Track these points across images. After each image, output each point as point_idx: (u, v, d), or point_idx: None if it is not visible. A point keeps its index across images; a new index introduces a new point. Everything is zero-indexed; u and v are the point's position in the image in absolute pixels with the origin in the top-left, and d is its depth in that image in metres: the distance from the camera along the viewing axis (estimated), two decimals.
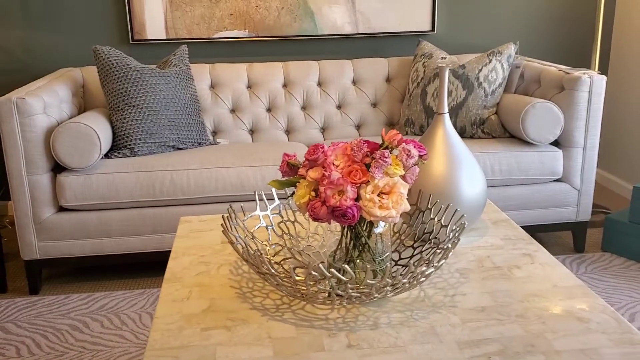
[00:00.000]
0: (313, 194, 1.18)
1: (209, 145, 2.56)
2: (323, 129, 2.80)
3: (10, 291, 2.29)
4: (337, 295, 1.12)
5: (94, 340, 1.94)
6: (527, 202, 2.41)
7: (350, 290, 1.10)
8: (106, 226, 2.22)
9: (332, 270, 1.07)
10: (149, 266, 2.47)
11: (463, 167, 1.45)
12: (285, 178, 1.25)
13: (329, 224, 1.19)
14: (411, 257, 1.32)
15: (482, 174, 1.49)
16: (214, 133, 2.73)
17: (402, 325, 1.14)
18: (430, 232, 1.35)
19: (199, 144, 2.52)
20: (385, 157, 1.15)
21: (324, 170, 1.16)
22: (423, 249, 1.33)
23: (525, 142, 2.41)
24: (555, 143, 2.45)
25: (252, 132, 2.76)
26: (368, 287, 1.10)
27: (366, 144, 1.18)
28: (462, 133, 2.53)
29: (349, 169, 1.16)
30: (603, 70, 3.24)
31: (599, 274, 2.33)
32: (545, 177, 2.40)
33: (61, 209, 2.22)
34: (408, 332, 1.12)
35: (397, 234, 1.42)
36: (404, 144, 1.19)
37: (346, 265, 1.09)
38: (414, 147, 1.20)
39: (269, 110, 2.78)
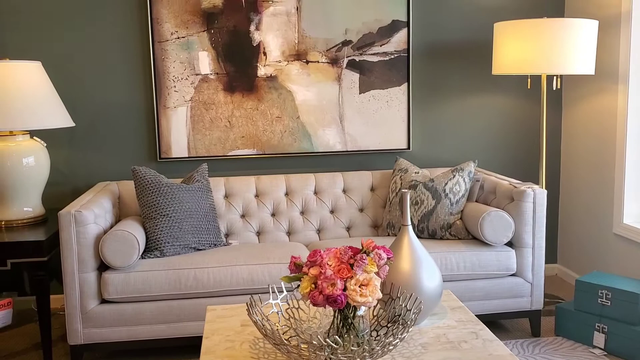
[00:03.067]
0: (313, 286, 1.69)
1: (223, 245, 3.06)
2: (319, 231, 3.32)
3: None
4: (331, 359, 1.59)
5: None
6: (488, 293, 2.90)
7: (340, 355, 1.58)
8: (140, 315, 2.68)
9: (328, 340, 1.56)
10: (174, 349, 2.90)
11: (423, 265, 1.96)
12: (293, 274, 1.75)
13: (325, 308, 1.69)
14: (385, 333, 1.81)
15: (438, 270, 1.99)
16: (227, 235, 3.24)
17: None
18: (399, 315, 1.84)
19: (215, 245, 3.03)
20: (363, 259, 1.67)
21: (321, 269, 1.67)
22: (393, 327, 1.81)
23: (484, 244, 2.94)
24: (509, 244, 2.97)
25: (258, 234, 3.28)
26: (352, 352, 1.58)
27: (350, 250, 1.70)
28: (434, 235, 3.05)
29: (339, 268, 1.67)
30: (554, 181, 3.83)
31: (550, 355, 2.77)
32: (502, 273, 2.90)
33: (103, 301, 2.69)
34: None
35: (376, 317, 1.91)
36: (376, 249, 1.71)
37: (337, 337, 1.58)
38: (384, 251, 1.72)
39: (273, 215, 3.31)
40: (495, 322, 3.12)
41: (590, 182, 3.52)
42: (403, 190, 1.98)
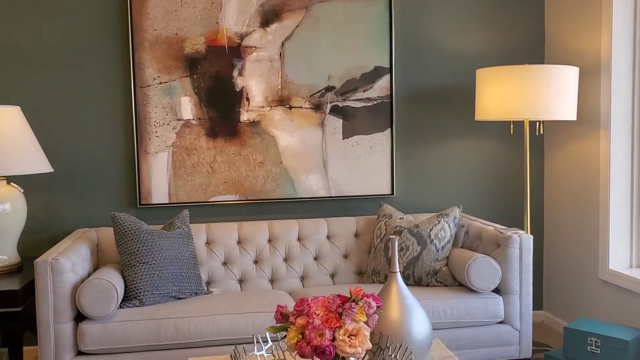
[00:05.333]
0: (300, 336, 1.62)
1: (204, 294, 2.98)
2: (302, 278, 3.25)
3: None
4: None
5: None
6: (476, 342, 2.84)
7: None
8: None
9: None
10: None
11: (413, 314, 1.91)
12: (279, 324, 1.69)
13: (313, 359, 1.62)
14: None
15: (427, 319, 1.95)
16: (208, 283, 3.16)
17: None
18: None
19: (196, 293, 2.94)
20: (353, 308, 1.61)
21: (309, 318, 1.62)
22: None
23: (471, 290, 2.89)
24: (496, 290, 2.93)
25: (240, 281, 3.20)
26: None
27: (339, 298, 1.65)
28: (419, 282, 3.01)
29: (327, 317, 1.61)
30: (538, 227, 3.83)
31: None
32: (490, 320, 2.85)
33: (79, 353, 2.57)
34: None
35: None
36: (365, 297, 1.66)
37: None
38: (373, 300, 1.67)
39: (255, 262, 3.24)
40: None
41: (574, 227, 3.52)
42: (391, 237, 1.94)
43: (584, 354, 2.77)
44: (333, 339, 1.59)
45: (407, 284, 3.02)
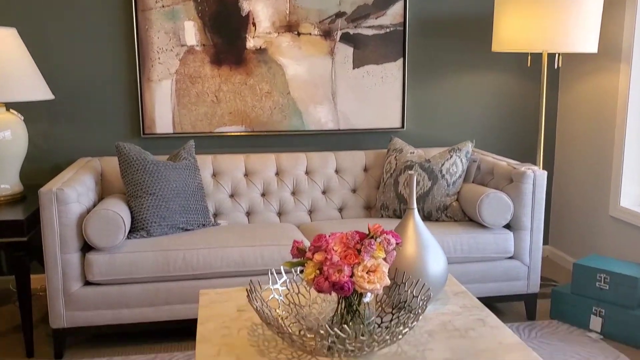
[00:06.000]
0: (318, 272, 1.58)
1: (212, 226, 2.94)
2: (310, 212, 3.22)
3: (36, 356, 2.58)
4: (338, 349, 1.50)
5: None
6: (484, 276, 2.84)
7: (348, 345, 1.49)
8: (125, 298, 2.56)
9: (335, 329, 1.46)
10: (161, 333, 2.79)
11: (429, 250, 1.87)
12: (295, 259, 1.65)
13: (330, 295, 1.59)
14: (391, 320, 1.72)
15: (444, 255, 1.91)
16: (215, 215, 3.12)
17: None
18: (405, 301, 1.75)
19: (204, 225, 2.91)
20: (372, 245, 1.57)
21: (327, 254, 1.57)
22: (399, 314, 1.72)
23: (482, 226, 2.86)
24: (507, 226, 2.90)
25: (248, 214, 3.16)
26: (360, 342, 1.49)
27: (357, 234, 1.60)
28: (429, 217, 2.97)
29: (345, 253, 1.57)
30: (549, 162, 3.77)
31: (547, 339, 2.73)
32: (499, 255, 2.83)
33: (87, 283, 2.56)
34: None
35: (379, 303, 1.82)
36: (384, 234, 1.61)
37: (345, 326, 1.48)
38: (392, 236, 1.62)
39: (263, 195, 3.19)
40: (489, 305, 3.06)
41: (586, 163, 3.46)
42: (410, 172, 1.88)
43: (592, 290, 2.77)
44: (351, 275, 1.55)
45: None
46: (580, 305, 2.82)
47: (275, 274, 1.84)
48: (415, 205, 1.89)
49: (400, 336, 1.55)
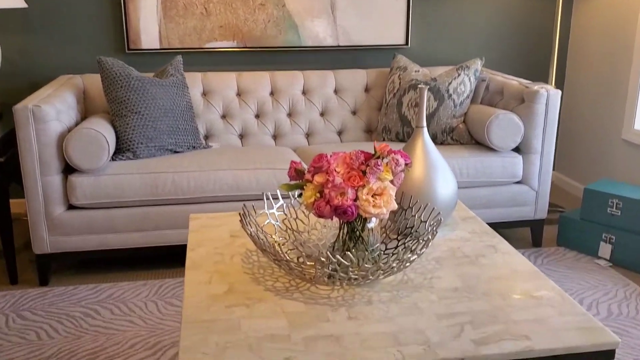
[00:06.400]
0: (318, 195, 1.43)
1: (203, 148, 2.78)
2: (307, 135, 3.04)
3: (20, 282, 2.47)
4: (340, 277, 1.37)
5: (107, 325, 2.15)
6: (491, 201, 2.70)
7: (351, 273, 1.36)
8: (112, 223, 2.42)
9: (338, 256, 1.32)
10: (150, 259, 2.68)
11: (438, 172, 1.71)
12: (293, 182, 1.49)
13: (331, 220, 1.44)
14: (396, 247, 1.58)
15: (454, 178, 1.76)
16: (206, 137, 2.95)
17: (391, 302, 1.39)
18: (412, 227, 1.61)
19: (194, 147, 2.74)
20: (379, 166, 1.41)
21: (328, 176, 1.41)
22: (406, 241, 1.59)
23: (489, 149, 2.70)
24: (516, 149, 2.74)
25: (241, 136, 2.99)
26: (365, 270, 1.36)
27: (362, 154, 1.44)
28: (434, 140, 2.80)
29: (349, 175, 1.41)
30: (559, 82, 3.57)
31: (554, 266, 2.63)
32: (507, 180, 2.69)
33: (71, 207, 2.41)
34: (396, 307, 1.37)
35: (384, 229, 1.68)
36: (392, 154, 1.45)
37: (349, 252, 1.34)
38: (401, 156, 1.46)
39: (257, 116, 3.01)
40: (494, 231, 2.94)
41: (600, 84, 3.26)
42: (420, 86, 1.69)
43: (602, 215, 2.65)
44: (355, 199, 1.40)
45: None
46: (589, 231, 2.70)
47: (271, 199, 1.68)
48: (424, 124, 1.72)
49: (407, 264, 1.41)
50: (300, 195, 1.48)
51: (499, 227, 2.78)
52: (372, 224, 1.49)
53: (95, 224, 2.41)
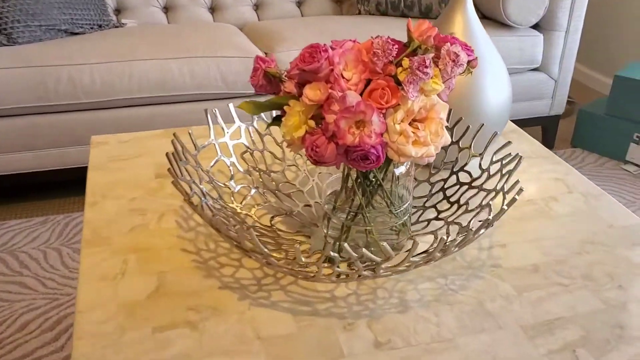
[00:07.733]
0: (312, 123, 0.77)
1: (113, 28, 2.00)
2: (256, 6, 2.29)
3: None
4: (352, 274, 0.75)
5: None
6: None
7: (382, 271, 0.74)
8: None
9: (364, 250, 0.70)
10: (49, 187, 1.98)
11: (487, 69, 1.07)
12: (267, 99, 0.82)
13: (337, 167, 0.80)
14: (450, 209, 0.96)
15: (508, 76, 1.12)
16: (117, 12, 2.16)
17: (439, 303, 0.81)
18: (463, 166, 0.99)
19: (100, 26, 1.96)
20: (426, 67, 0.74)
21: (332, 87, 0.75)
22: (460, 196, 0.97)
23: (503, 25, 2.05)
24: (536, 26, 2.10)
25: (166, 10, 2.21)
26: (397, 261, 0.74)
27: (395, 45, 0.76)
28: (427, 13, 2.12)
29: (372, 87, 0.75)
30: None
31: None
32: (523, 66, 2.08)
33: None
34: (450, 313, 0.79)
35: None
36: (448, 44, 0.79)
37: (384, 244, 0.71)
38: (463, 49, 0.79)
39: None
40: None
41: None
42: None
43: (634, 110, 2.11)
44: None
45: (410, 16, 2.13)
46: (615, 129, 2.17)
47: (218, 116, 1.01)
48: None
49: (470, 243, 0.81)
50: (276, 121, 0.82)
51: None
52: (403, 169, 0.86)
53: None
